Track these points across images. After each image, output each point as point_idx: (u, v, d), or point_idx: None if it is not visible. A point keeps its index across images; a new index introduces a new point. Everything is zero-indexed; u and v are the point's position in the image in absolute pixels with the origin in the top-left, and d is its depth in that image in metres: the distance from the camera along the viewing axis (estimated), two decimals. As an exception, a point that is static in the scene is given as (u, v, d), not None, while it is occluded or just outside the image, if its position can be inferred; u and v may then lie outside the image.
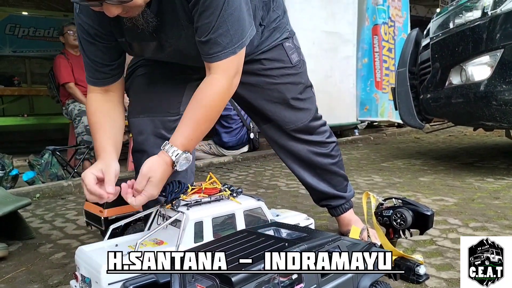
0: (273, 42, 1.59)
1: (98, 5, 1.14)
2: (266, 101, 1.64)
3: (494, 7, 2.69)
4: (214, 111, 1.30)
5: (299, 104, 1.66)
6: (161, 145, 1.30)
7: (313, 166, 1.75)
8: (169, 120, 1.49)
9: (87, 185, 1.22)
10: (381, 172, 3.31)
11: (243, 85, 1.60)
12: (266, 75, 1.60)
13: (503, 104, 2.66)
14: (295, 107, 1.65)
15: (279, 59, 1.60)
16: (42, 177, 3.27)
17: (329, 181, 1.78)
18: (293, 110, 1.65)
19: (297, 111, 1.66)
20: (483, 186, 2.68)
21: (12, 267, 1.69)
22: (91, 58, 1.40)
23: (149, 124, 1.50)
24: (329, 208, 1.84)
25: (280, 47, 1.61)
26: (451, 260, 1.54)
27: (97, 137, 1.37)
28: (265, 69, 1.59)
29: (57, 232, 2.14)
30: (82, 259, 1.13)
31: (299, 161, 1.75)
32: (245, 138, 4.37)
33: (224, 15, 1.19)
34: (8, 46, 7.94)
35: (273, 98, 1.63)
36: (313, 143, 1.72)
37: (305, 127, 1.69)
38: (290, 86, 1.63)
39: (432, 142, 5.04)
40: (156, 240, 1.19)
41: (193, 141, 1.28)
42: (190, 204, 1.22)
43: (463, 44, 2.85)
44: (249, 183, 3.14)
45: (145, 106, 1.51)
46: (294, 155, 1.73)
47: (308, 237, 0.92)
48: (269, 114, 1.66)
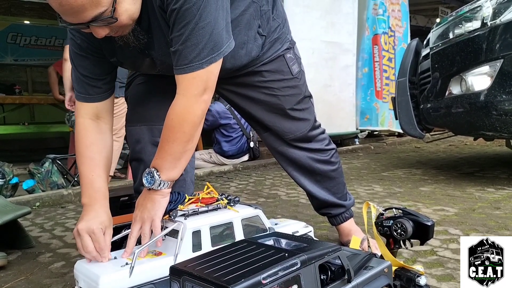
0: (274, 53, 1.57)
1: (85, 27, 1.13)
2: (265, 112, 1.64)
3: (493, 18, 2.71)
4: (177, 132, 1.20)
5: (298, 114, 1.66)
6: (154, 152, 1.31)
7: (313, 173, 1.75)
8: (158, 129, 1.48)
9: (87, 248, 1.16)
10: (382, 181, 3.30)
11: (243, 97, 1.60)
12: (266, 87, 1.59)
13: (503, 114, 2.67)
14: (294, 118, 1.66)
15: (280, 70, 1.60)
16: (42, 185, 3.27)
17: (329, 188, 1.78)
18: (292, 120, 1.66)
19: (296, 121, 1.66)
20: (483, 196, 2.67)
21: (12, 276, 1.69)
22: (83, 73, 1.36)
23: (147, 133, 1.51)
24: (329, 217, 1.83)
25: (281, 59, 1.59)
26: (452, 270, 1.54)
27: (92, 178, 1.31)
28: (266, 81, 1.59)
29: (56, 241, 2.14)
30: (81, 272, 1.12)
31: (300, 168, 1.75)
32: (245, 147, 4.37)
33: (195, 28, 1.15)
34: (9, 54, 7.97)
35: (273, 109, 1.63)
36: (313, 150, 1.72)
37: (304, 137, 1.69)
38: (289, 97, 1.63)
39: (433, 152, 5.04)
40: (155, 251, 1.18)
41: (171, 169, 1.23)
42: (188, 214, 1.21)
43: (463, 54, 2.86)
44: (249, 192, 3.14)
45: (143, 115, 1.52)
46: (295, 162, 1.74)
47: (308, 248, 0.92)
48: (268, 124, 1.66)
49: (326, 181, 1.77)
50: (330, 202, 1.79)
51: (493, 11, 2.72)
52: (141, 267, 1.09)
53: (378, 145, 5.89)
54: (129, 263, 1.08)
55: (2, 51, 7.83)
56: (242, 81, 1.57)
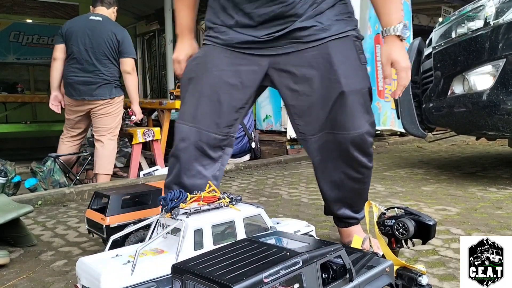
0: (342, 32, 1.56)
1: None
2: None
3: (496, 17, 2.70)
4: None
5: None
6: (198, 158, 1.53)
7: (345, 186, 1.67)
8: (214, 137, 1.55)
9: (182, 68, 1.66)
10: (384, 181, 3.30)
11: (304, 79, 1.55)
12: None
13: (505, 113, 2.66)
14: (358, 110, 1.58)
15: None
16: (44, 184, 3.28)
17: (350, 204, 1.72)
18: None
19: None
20: (485, 196, 2.67)
21: (14, 274, 1.69)
22: None
23: (195, 134, 1.54)
24: (335, 218, 1.82)
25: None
26: (454, 270, 1.53)
27: (182, 14, 1.70)
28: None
29: (58, 239, 2.14)
30: (83, 269, 1.12)
31: (332, 180, 1.67)
32: (247, 147, 4.37)
33: None
34: (12, 53, 7.99)
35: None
36: (358, 164, 1.62)
37: (361, 140, 1.57)
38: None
39: (435, 151, 5.03)
40: (156, 250, 1.19)
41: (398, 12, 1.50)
42: (189, 212, 1.22)
43: (465, 53, 2.86)
44: (251, 191, 3.14)
45: (196, 115, 1.54)
46: (329, 175, 1.66)
47: (309, 247, 0.91)
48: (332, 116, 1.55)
49: (352, 197, 1.71)
50: (345, 215, 1.75)
51: (495, 10, 2.72)
52: (143, 265, 1.09)
53: (380, 144, 5.88)
54: (131, 261, 1.09)
55: (4, 49, 7.85)
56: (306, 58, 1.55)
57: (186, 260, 0.89)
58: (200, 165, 1.56)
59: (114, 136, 3.64)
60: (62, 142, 3.66)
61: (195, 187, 1.50)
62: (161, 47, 8.10)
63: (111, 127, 3.59)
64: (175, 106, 4.43)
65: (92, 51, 3.43)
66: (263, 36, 1.52)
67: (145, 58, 9.00)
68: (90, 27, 3.45)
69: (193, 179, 1.56)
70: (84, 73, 3.44)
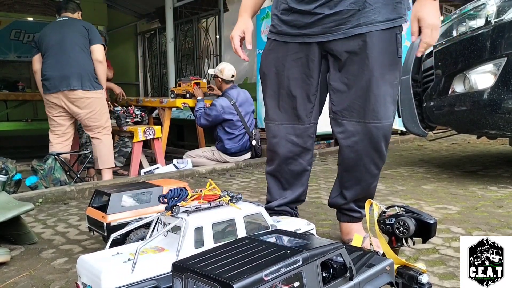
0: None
1: None
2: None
3: (497, 16, 2.70)
4: None
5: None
6: (290, 148, 1.75)
7: (361, 178, 1.73)
8: (299, 128, 1.76)
9: (235, 45, 1.78)
10: (384, 179, 3.30)
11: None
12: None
13: (506, 112, 2.66)
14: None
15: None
16: (45, 182, 3.28)
17: (358, 198, 1.77)
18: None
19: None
20: (486, 195, 2.67)
21: (14, 272, 1.69)
22: None
23: (283, 130, 1.78)
24: (338, 210, 1.84)
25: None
26: (454, 269, 1.54)
27: None
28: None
29: (59, 237, 2.15)
30: (84, 267, 1.13)
31: (352, 170, 1.73)
32: (247, 145, 4.37)
33: None
34: (13, 51, 7.99)
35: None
36: (375, 158, 1.69)
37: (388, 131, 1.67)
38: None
39: (435, 150, 5.03)
40: (157, 248, 1.19)
41: None
42: (190, 210, 1.22)
43: (466, 52, 2.85)
44: (251, 189, 3.14)
45: (280, 113, 1.78)
46: (351, 166, 1.72)
47: (310, 245, 0.92)
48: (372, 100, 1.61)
49: (365, 189, 1.75)
50: (350, 208, 1.79)
51: (497, 9, 2.71)
52: (144, 263, 1.09)
53: (381, 143, 5.88)
54: (131, 259, 1.09)
55: (5, 48, 7.84)
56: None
57: (187, 258, 0.89)
58: (294, 154, 1.78)
59: (109, 130, 3.70)
60: (51, 146, 3.67)
61: (294, 174, 1.82)
62: (162, 45, 8.10)
63: (101, 124, 3.63)
64: (175, 104, 4.43)
65: (64, 45, 3.50)
66: (311, 16, 1.62)
67: (146, 57, 9.00)
68: (60, 26, 3.60)
69: (291, 166, 1.80)
70: (58, 65, 3.51)
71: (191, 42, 7.21)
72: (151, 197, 1.74)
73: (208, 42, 6.87)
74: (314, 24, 1.63)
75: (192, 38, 7.14)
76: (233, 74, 4.45)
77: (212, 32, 6.76)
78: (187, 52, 7.31)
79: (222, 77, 4.40)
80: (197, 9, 6.94)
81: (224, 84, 4.44)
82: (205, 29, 6.89)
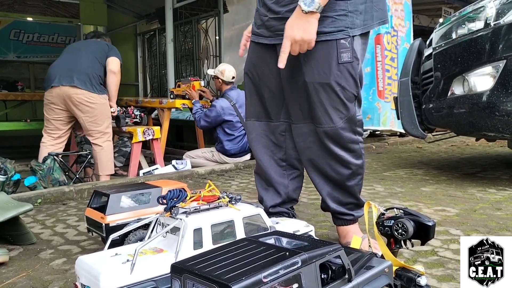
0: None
1: None
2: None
3: (496, 18, 2.70)
4: None
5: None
6: (264, 144, 1.86)
7: (330, 179, 1.75)
8: (270, 125, 1.86)
9: (241, 42, 1.91)
10: (383, 181, 3.30)
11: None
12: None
13: (505, 114, 2.66)
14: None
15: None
16: (44, 182, 3.28)
17: (341, 200, 1.77)
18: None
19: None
20: (485, 197, 2.67)
21: (13, 272, 1.69)
22: None
23: (257, 127, 1.88)
24: (332, 214, 1.84)
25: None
26: (453, 271, 1.54)
27: None
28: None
29: (58, 238, 2.14)
30: (82, 268, 1.13)
31: (318, 171, 1.77)
32: (247, 146, 4.37)
33: None
34: (12, 51, 7.99)
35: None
36: (338, 159, 1.70)
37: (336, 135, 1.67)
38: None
39: (434, 152, 5.04)
40: (156, 249, 1.19)
41: None
42: (189, 211, 1.22)
43: (465, 54, 2.86)
44: (250, 190, 3.14)
45: (254, 111, 1.88)
46: (315, 165, 1.76)
47: (309, 247, 0.92)
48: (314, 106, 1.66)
49: (341, 191, 1.77)
50: (338, 211, 1.79)
51: (496, 11, 2.72)
52: (142, 264, 1.09)
53: (380, 145, 5.89)
54: (130, 260, 1.09)
55: (4, 47, 7.84)
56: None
57: (185, 260, 0.89)
58: (269, 151, 1.88)
59: (110, 137, 3.70)
60: (44, 146, 3.66)
61: (268, 169, 1.88)
62: (162, 46, 8.09)
63: (102, 129, 3.62)
64: (175, 105, 4.43)
65: (80, 51, 3.57)
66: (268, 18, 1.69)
67: (145, 57, 9.00)
68: (84, 41, 3.80)
69: (265, 163, 1.89)
70: (66, 63, 3.55)
71: (190, 43, 7.21)
72: (150, 198, 1.74)
73: (207, 43, 6.87)
74: (263, 26, 1.73)
75: (192, 39, 7.14)
76: (234, 76, 4.45)
77: (211, 33, 6.76)
78: (187, 53, 7.30)
79: (223, 78, 4.40)
80: (197, 10, 6.94)
81: (224, 85, 4.44)
82: (205, 30, 6.89)
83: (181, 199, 1.25)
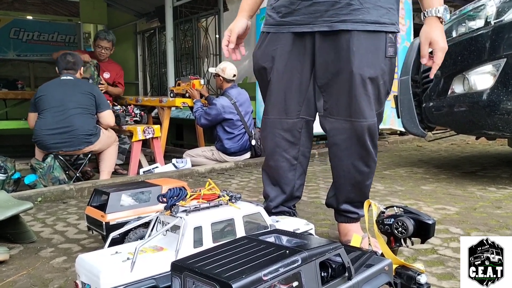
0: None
1: None
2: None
3: (497, 17, 2.70)
4: None
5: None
6: (277, 142, 1.78)
7: (353, 177, 1.73)
8: (287, 122, 1.77)
9: (222, 43, 1.80)
10: (383, 180, 3.30)
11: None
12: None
13: (505, 113, 2.66)
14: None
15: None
16: (44, 180, 3.28)
17: (352, 198, 1.77)
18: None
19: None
20: (485, 195, 2.67)
21: (13, 270, 1.69)
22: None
23: (270, 124, 1.80)
24: (335, 211, 1.84)
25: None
26: (453, 269, 1.54)
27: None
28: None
29: (58, 236, 2.15)
30: (83, 266, 1.13)
31: (344, 169, 1.75)
32: (247, 145, 4.37)
33: None
34: (12, 50, 7.99)
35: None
36: (363, 155, 1.70)
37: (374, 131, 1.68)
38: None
39: (435, 151, 5.03)
40: (156, 247, 1.19)
41: None
42: (189, 210, 1.22)
43: (466, 53, 2.86)
44: (250, 189, 3.14)
45: (270, 107, 1.81)
46: (342, 163, 1.74)
47: (309, 245, 0.92)
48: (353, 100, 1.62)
49: (357, 189, 1.76)
50: (345, 209, 1.79)
51: (496, 10, 2.71)
52: (142, 262, 1.09)
53: (380, 143, 5.89)
54: (130, 258, 1.09)
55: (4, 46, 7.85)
56: None
57: (186, 258, 0.89)
58: (281, 149, 1.80)
59: (116, 142, 3.75)
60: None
61: (279, 169, 1.82)
62: (162, 44, 8.08)
63: (109, 145, 3.67)
64: (175, 103, 4.43)
65: (64, 104, 3.39)
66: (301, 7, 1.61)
67: (145, 56, 8.99)
68: (63, 85, 3.48)
69: (277, 162, 1.82)
70: (54, 126, 3.36)
71: (190, 41, 7.20)
72: (150, 196, 1.74)
73: (207, 42, 6.86)
74: (296, 12, 1.63)
75: (192, 37, 7.13)
76: (235, 74, 4.45)
77: (211, 31, 6.76)
78: (187, 52, 7.30)
79: (224, 76, 4.40)
80: (197, 8, 6.93)
81: (225, 83, 4.44)
82: (205, 28, 6.88)
83: (181, 198, 1.25)
